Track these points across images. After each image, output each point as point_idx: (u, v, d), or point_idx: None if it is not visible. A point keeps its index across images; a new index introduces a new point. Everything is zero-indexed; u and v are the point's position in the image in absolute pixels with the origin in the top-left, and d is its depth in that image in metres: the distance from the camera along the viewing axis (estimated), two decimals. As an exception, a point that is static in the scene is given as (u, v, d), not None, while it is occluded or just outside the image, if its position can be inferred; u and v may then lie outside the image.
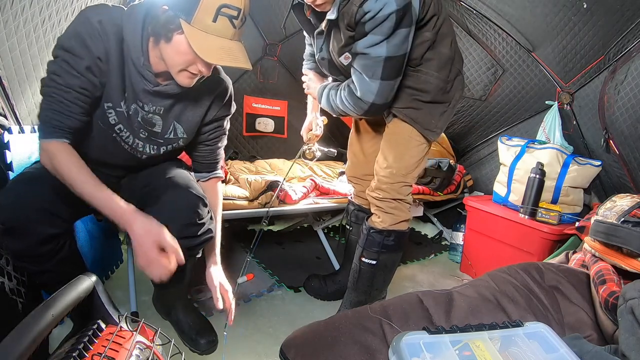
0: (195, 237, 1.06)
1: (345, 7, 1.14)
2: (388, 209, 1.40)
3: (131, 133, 1.08)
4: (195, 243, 1.07)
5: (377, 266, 1.43)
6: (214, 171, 1.27)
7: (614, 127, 1.81)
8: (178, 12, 0.89)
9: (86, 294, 0.74)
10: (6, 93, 1.14)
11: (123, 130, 1.07)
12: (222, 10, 0.89)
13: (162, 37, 0.94)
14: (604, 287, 0.96)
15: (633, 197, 1.25)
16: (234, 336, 1.41)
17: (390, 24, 1.10)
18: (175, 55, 0.94)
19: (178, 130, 1.13)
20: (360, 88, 1.21)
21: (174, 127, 1.12)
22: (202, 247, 1.13)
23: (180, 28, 0.90)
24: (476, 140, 2.67)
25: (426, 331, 0.75)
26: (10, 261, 1.08)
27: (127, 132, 1.07)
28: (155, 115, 1.07)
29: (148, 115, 1.07)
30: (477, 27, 2.21)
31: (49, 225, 0.95)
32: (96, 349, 0.65)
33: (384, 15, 1.08)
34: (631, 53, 1.66)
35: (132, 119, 1.06)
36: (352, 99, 1.25)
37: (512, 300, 0.97)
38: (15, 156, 1.14)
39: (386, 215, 1.41)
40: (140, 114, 1.06)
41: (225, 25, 0.91)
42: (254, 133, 2.62)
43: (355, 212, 1.68)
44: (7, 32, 1.06)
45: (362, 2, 1.09)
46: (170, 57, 0.96)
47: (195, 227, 1.05)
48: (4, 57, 1.09)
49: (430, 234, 2.74)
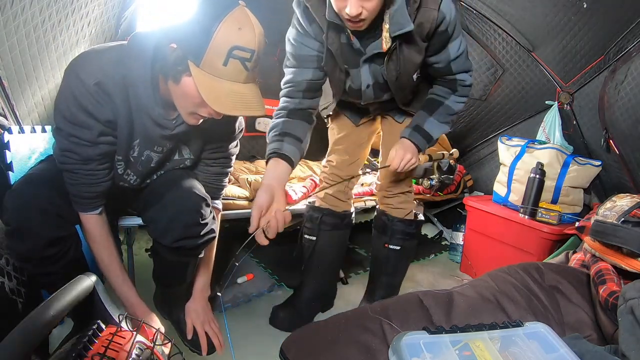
0: (197, 237, 1.06)
1: (418, 14, 1.04)
2: (396, 204, 1.49)
3: (138, 176, 1.07)
4: (198, 243, 1.07)
5: (401, 251, 1.53)
6: (214, 200, 1.19)
7: (614, 127, 1.81)
8: (187, 53, 0.82)
9: (86, 294, 0.74)
10: (6, 93, 1.14)
11: (130, 175, 1.06)
12: (234, 52, 0.80)
13: (169, 77, 0.88)
14: (604, 287, 0.96)
15: (633, 197, 1.25)
16: (234, 336, 1.41)
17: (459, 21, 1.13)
18: (184, 98, 0.89)
19: (184, 151, 1.11)
20: (468, 79, 1.25)
21: (179, 149, 1.10)
22: (205, 247, 1.13)
23: (189, 70, 0.82)
24: (476, 140, 2.66)
25: (426, 331, 0.76)
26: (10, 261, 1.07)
27: (135, 175, 1.07)
28: (169, 148, 1.06)
29: (163, 152, 1.05)
30: (477, 27, 2.21)
31: (55, 227, 0.94)
32: (96, 349, 0.65)
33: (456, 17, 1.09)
34: (631, 53, 1.66)
35: (144, 164, 1.04)
36: (466, 92, 1.28)
37: (512, 300, 0.97)
38: (15, 156, 1.14)
39: (395, 211, 1.50)
40: (154, 158, 1.04)
41: (238, 69, 0.83)
42: (254, 133, 2.61)
43: (323, 218, 1.51)
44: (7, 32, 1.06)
45: (439, 3, 1.04)
46: (178, 100, 0.90)
47: (198, 227, 1.05)
48: (4, 57, 1.08)
49: (430, 234, 2.74)
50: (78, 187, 0.94)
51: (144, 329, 0.80)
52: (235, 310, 1.57)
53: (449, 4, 1.06)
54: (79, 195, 0.95)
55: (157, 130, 0.97)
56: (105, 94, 0.86)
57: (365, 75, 1.20)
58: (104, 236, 1.02)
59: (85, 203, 0.96)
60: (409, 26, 1.02)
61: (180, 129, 1.00)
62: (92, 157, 0.91)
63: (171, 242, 1.02)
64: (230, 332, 1.43)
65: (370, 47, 1.12)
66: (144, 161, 1.04)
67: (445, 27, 1.09)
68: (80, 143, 0.88)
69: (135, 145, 1.00)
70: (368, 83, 1.22)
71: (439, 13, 1.04)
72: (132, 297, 1.04)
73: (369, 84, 1.22)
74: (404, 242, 1.52)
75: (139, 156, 1.02)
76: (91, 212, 0.98)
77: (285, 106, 1.18)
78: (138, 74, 0.88)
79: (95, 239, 1.01)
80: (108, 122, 0.90)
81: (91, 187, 0.94)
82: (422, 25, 1.06)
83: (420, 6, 1.04)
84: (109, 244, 1.03)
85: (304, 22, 1.12)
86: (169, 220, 1.01)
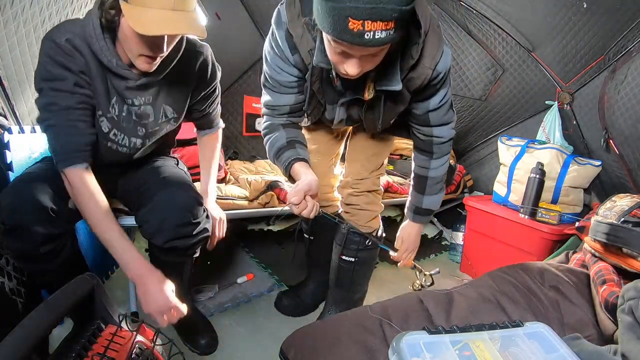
0: (190, 236, 1.06)
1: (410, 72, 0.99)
2: (363, 204, 1.39)
3: (126, 134, 1.08)
4: (191, 243, 1.07)
5: (357, 262, 1.44)
6: (216, 126, 1.34)
7: (614, 127, 1.81)
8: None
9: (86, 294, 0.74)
10: (6, 93, 1.14)
11: (118, 135, 1.07)
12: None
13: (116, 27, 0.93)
14: (604, 287, 0.96)
15: (633, 197, 1.25)
16: (234, 336, 1.41)
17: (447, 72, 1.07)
18: (125, 40, 0.92)
19: (167, 111, 1.13)
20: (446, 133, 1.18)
21: (163, 111, 1.12)
22: (199, 246, 1.14)
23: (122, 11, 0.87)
24: (476, 140, 2.66)
25: (426, 331, 0.76)
26: (11, 261, 1.08)
27: (122, 134, 1.07)
28: (147, 105, 1.08)
29: (140, 108, 1.07)
30: (477, 27, 2.21)
31: (49, 225, 0.94)
32: (96, 349, 0.65)
33: (447, 69, 1.04)
34: (631, 53, 1.66)
35: (126, 120, 1.06)
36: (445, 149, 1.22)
37: (512, 300, 0.97)
38: (15, 156, 1.14)
39: (362, 213, 1.40)
40: (133, 111, 1.06)
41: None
42: (254, 133, 2.61)
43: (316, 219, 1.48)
44: (7, 32, 1.06)
45: (436, 63, 0.99)
46: (124, 44, 0.94)
47: (190, 226, 1.05)
48: (4, 57, 1.09)
49: (430, 234, 2.74)
50: (60, 139, 0.94)
51: (144, 329, 0.80)
52: (235, 310, 1.57)
53: (446, 61, 1.01)
54: (62, 149, 0.94)
55: (121, 83, 1.01)
56: (74, 48, 0.93)
57: (341, 112, 1.15)
58: (92, 190, 0.96)
59: (68, 156, 0.94)
60: (397, 86, 0.96)
61: (145, 80, 1.03)
62: (71, 106, 0.94)
63: (163, 242, 1.03)
64: (230, 332, 1.43)
65: (351, 91, 1.06)
66: (125, 118, 1.05)
67: (435, 82, 1.04)
68: (59, 95, 0.93)
69: (114, 103, 1.03)
70: (342, 118, 1.18)
71: (433, 72, 0.99)
72: (131, 251, 0.95)
73: (342, 119, 1.18)
74: (357, 252, 1.42)
75: (120, 113, 1.04)
76: (75, 166, 0.95)
77: (273, 122, 1.16)
78: (91, 27, 0.93)
79: (83, 194, 0.95)
80: (81, 72, 0.95)
81: (73, 138, 0.94)
82: (413, 80, 1.01)
83: (416, 64, 0.97)
84: (99, 197, 0.96)
85: (284, 48, 1.02)
86: (160, 221, 1.01)
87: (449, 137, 1.20)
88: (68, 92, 0.93)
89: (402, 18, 0.74)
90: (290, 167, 1.07)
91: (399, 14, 0.73)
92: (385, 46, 0.81)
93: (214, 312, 1.52)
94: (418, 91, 1.06)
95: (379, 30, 0.74)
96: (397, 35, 0.76)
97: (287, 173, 1.09)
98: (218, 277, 1.78)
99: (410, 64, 0.96)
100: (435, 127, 1.17)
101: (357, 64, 0.84)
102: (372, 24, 0.73)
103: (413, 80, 1.00)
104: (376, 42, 0.75)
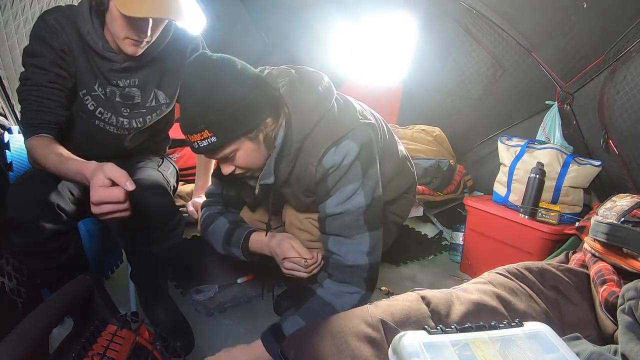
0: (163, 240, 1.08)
1: (295, 167, 0.95)
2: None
3: (113, 113, 1.10)
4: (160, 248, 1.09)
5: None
6: None
7: (614, 127, 1.81)
8: None
9: (86, 294, 0.74)
10: (6, 93, 1.14)
11: (104, 113, 1.09)
12: None
13: (105, 11, 0.96)
14: (604, 287, 0.96)
15: (633, 197, 1.25)
16: (234, 336, 1.41)
17: (358, 168, 0.92)
18: (113, 23, 0.96)
19: (160, 96, 1.15)
20: (348, 255, 0.94)
21: (154, 95, 1.14)
22: (175, 244, 1.14)
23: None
24: (476, 140, 2.66)
25: (426, 331, 0.76)
26: (11, 261, 1.08)
27: (109, 112, 1.10)
28: (132, 88, 1.10)
29: (125, 90, 1.09)
30: (477, 27, 2.21)
31: (54, 221, 0.95)
32: (96, 349, 0.65)
33: (349, 163, 0.90)
34: (631, 53, 1.66)
35: (111, 99, 1.09)
36: (345, 276, 0.95)
37: (512, 301, 0.97)
38: (15, 156, 1.14)
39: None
40: (117, 92, 1.09)
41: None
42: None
43: None
44: (7, 32, 1.07)
45: (320, 158, 0.90)
46: (111, 27, 0.97)
47: (162, 230, 1.07)
48: (4, 57, 1.09)
49: (430, 234, 2.74)
50: (27, 114, 0.98)
51: (144, 329, 0.80)
52: (235, 310, 1.57)
53: (342, 152, 0.90)
54: (27, 122, 0.98)
55: (105, 64, 1.04)
56: (59, 25, 0.98)
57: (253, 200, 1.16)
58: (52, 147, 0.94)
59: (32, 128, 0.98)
60: (269, 179, 0.94)
61: (130, 64, 1.06)
62: (42, 83, 0.98)
63: (125, 246, 1.09)
64: (230, 332, 1.43)
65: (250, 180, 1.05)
66: (109, 97, 1.08)
67: (326, 177, 0.92)
68: (34, 71, 0.98)
69: (99, 83, 1.06)
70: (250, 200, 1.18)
71: (318, 168, 0.91)
72: (77, 161, 0.88)
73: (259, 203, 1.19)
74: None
75: (104, 91, 1.07)
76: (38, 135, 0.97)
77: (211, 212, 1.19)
78: (81, 10, 0.98)
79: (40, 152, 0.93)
80: (62, 51, 0.99)
81: (38, 114, 0.97)
82: (299, 178, 0.96)
83: (296, 161, 0.94)
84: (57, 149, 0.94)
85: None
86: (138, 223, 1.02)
87: (354, 263, 0.94)
88: (42, 69, 0.97)
89: (216, 125, 0.82)
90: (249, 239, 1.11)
91: (207, 125, 0.81)
92: (227, 149, 0.87)
93: (214, 312, 1.52)
94: (311, 193, 1.00)
95: (198, 141, 0.84)
96: (223, 140, 0.84)
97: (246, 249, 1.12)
98: (218, 277, 1.78)
99: (290, 159, 0.94)
100: (331, 237, 0.96)
101: (225, 166, 0.94)
102: (192, 137, 0.85)
103: (299, 178, 0.97)
104: (203, 150, 0.85)
